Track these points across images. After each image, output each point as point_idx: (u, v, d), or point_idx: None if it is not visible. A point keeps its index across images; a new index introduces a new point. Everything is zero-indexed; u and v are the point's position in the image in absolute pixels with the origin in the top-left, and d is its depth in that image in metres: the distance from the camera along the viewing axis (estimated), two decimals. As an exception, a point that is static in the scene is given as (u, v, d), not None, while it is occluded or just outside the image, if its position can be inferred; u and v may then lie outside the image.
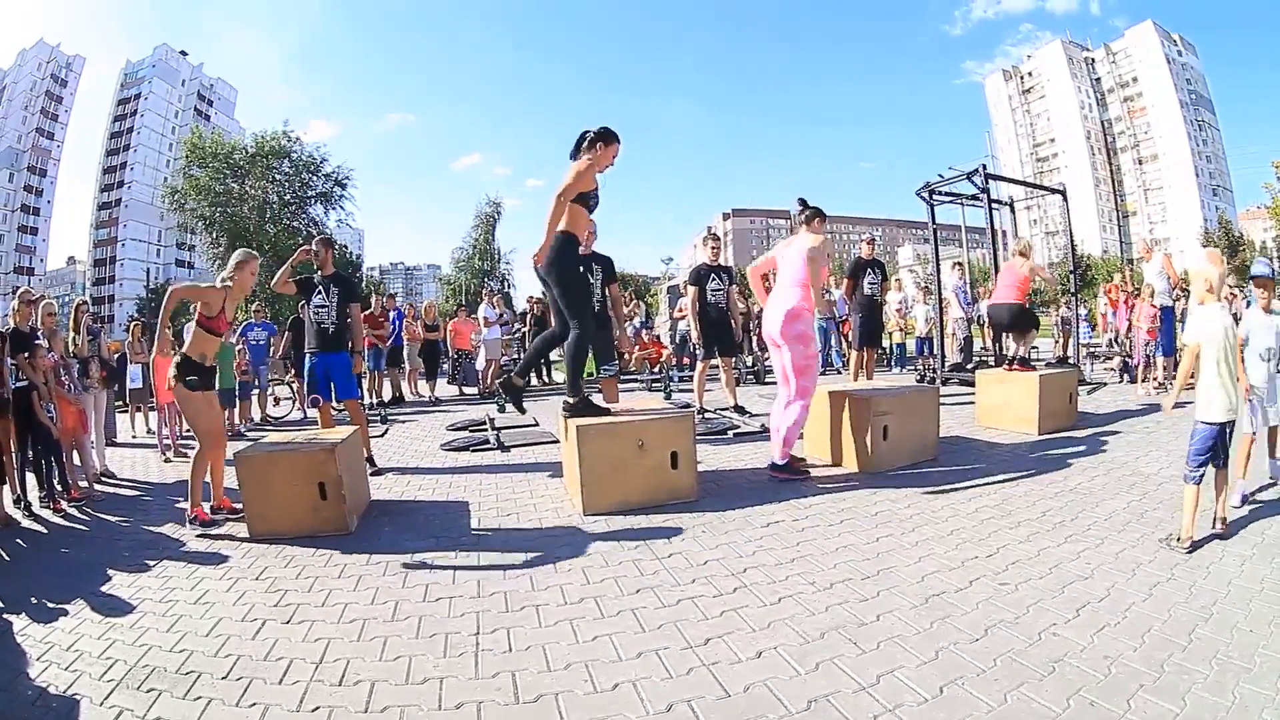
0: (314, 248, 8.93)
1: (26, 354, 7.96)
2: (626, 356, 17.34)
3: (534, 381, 19.28)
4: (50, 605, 4.94)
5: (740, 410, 11.53)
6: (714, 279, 11.25)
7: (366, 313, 15.91)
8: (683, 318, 16.91)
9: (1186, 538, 5.00)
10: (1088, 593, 4.38)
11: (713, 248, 11.80)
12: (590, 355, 8.73)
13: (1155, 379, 13.33)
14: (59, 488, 8.01)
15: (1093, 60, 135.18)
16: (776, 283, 8.01)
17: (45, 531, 7.17)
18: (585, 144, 6.82)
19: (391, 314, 18.27)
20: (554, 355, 17.23)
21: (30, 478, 7.99)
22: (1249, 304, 21.02)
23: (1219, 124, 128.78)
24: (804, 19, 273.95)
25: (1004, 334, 11.39)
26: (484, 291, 22.57)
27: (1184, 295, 17.69)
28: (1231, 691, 3.24)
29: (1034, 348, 11.92)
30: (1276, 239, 66.67)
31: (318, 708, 3.45)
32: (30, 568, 6.01)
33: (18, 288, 8.62)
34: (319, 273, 8.96)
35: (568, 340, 6.94)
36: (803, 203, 8.10)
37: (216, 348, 7.26)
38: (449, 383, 19.60)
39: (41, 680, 3.85)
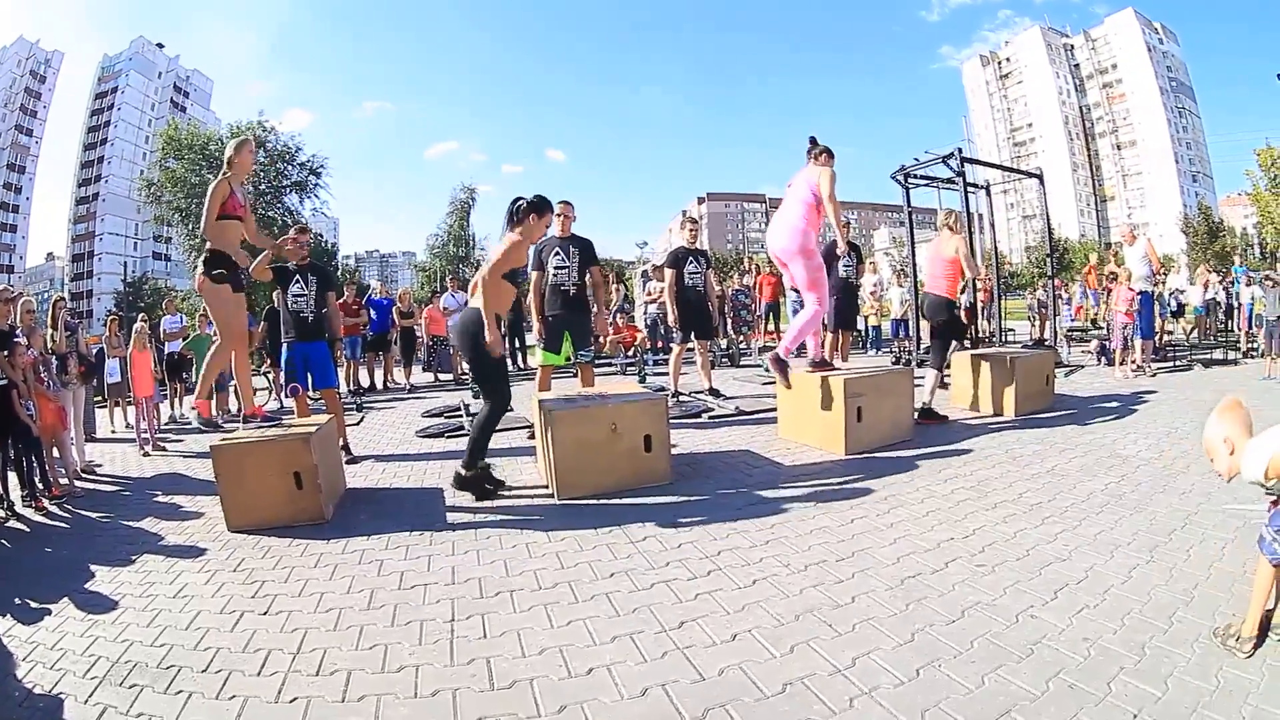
0: (304, 240, 8.91)
1: (6, 352, 7.92)
2: (602, 340, 17.36)
3: (510, 367, 19.24)
4: (34, 605, 4.91)
5: (715, 393, 11.60)
6: (692, 262, 11.31)
7: (340, 301, 15.90)
8: (653, 301, 16.93)
9: (1251, 635, 3.47)
10: (1066, 574, 4.38)
11: (690, 231, 11.87)
12: (568, 340, 8.76)
13: (1133, 361, 13.37)
14: (40, 486, 7.96)
15: (1072, 46, 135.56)
16: (783, 204, 8.28)
17: (28, 530, 7.14)
18: (517, 215, 6.83)
19: (384, 301, 18.32)
20: (529, 340, 17.13)
21: (12, 477, 7.92)
22: (1234, 284, 21.08)
23: (1200, 111, 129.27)
24: (778, 4, 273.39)
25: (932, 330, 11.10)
26: (450, 279, 22.53)
27: (1164, 280, 17.81)
28: (1215, 676, 3.23)
29: (1009, 330, 11.92)
30: (1257, 226, 66.95)
31: (295, 698, 3.44)
32: (14, 568, 5.98)
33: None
34: (295, 261, 8.89)
35: (483, 411, 6.91)
36: (813, 140, 8.25)
37: (239, 235, 7.35)
38: (424, 370, 19.56)
39: (28, 681, 3.83)
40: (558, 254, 8.95)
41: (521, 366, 19.13)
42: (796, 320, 7.82)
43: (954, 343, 10.32)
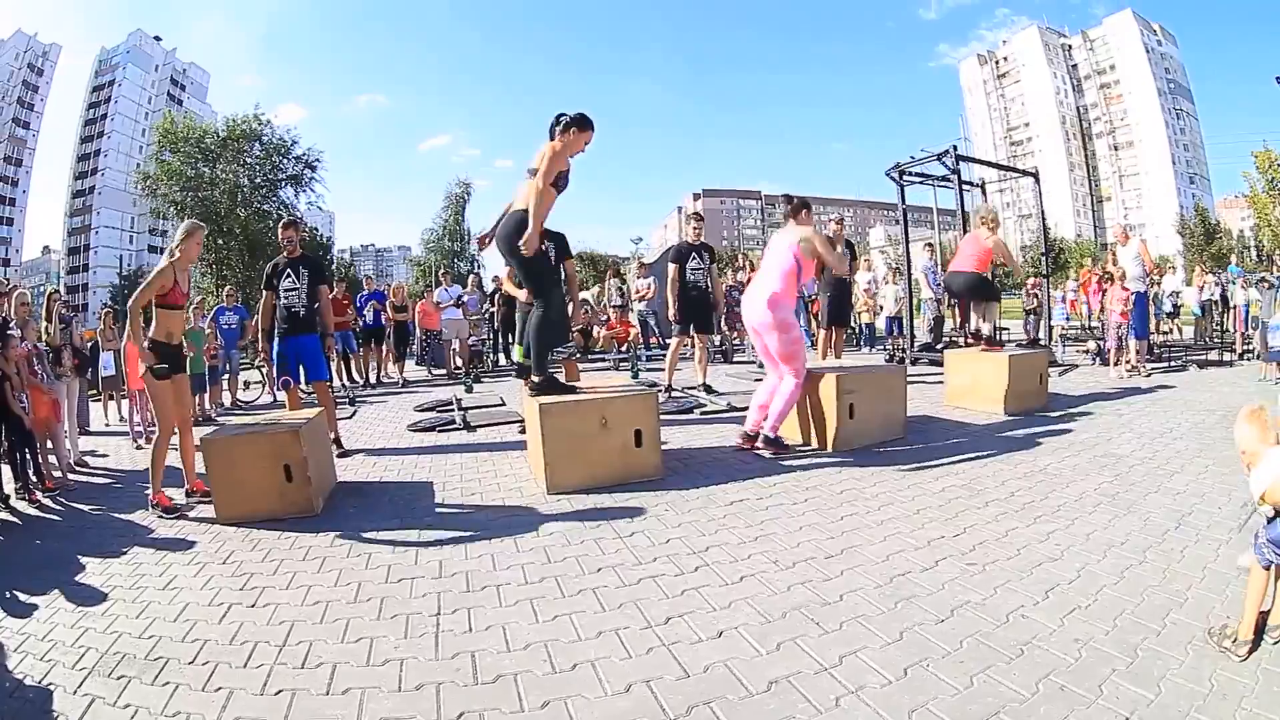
0: (290, 235, 8.94)
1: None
2: (595, 335, 17.36)
3: (503, 361, 19.42)
4: (26, 597, 4.91)
5: (708, 389, 11.64)
6: (694, 258, 11.37)
7: (332, 295, 15.92)
8: (643, 298, 16.97)
9: (1246, 638, 3.53)
10: (1058, 574, 4.36)
11: (695, 227, 11.95)
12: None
13: (1128, 362, 13.36)
14: (34, 479, 7.94)
15: (1069, 47, 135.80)
16: (759, 271, 8.17)
17: (20, 523, 7.12)
18: (560, 128, 6.80)
19: (375, 295, 18.35)
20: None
21: (5, 470, 7.90)
22: (1230, 284, 21.07)
23: (1197, 113, 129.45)
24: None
25: (966, 306, 11.22)
26: (443, 274, 22.54)
27: (1158, 281, 17.78)
28: (1209, 679, 3.21)
29: (1004, 328, 11.93)
30: (1254, 228, 67.00)
31: (280, 690, 3.43)
32: (6, 561, 5.96)
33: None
34: (285, 255, 8.90)
35: (532, 318, 6.99)
36: (788, 198, 8.10)
37: (181, 324, 7.29)
38: (417, 364, 19.60)
39: (19, 672, 3.83)
40: None
41: (511, 361, 19.18)
42: (777, 400, 7.69)
43: (993, 302, 10.50)
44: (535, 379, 7.01)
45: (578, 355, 9.33)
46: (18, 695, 3.62)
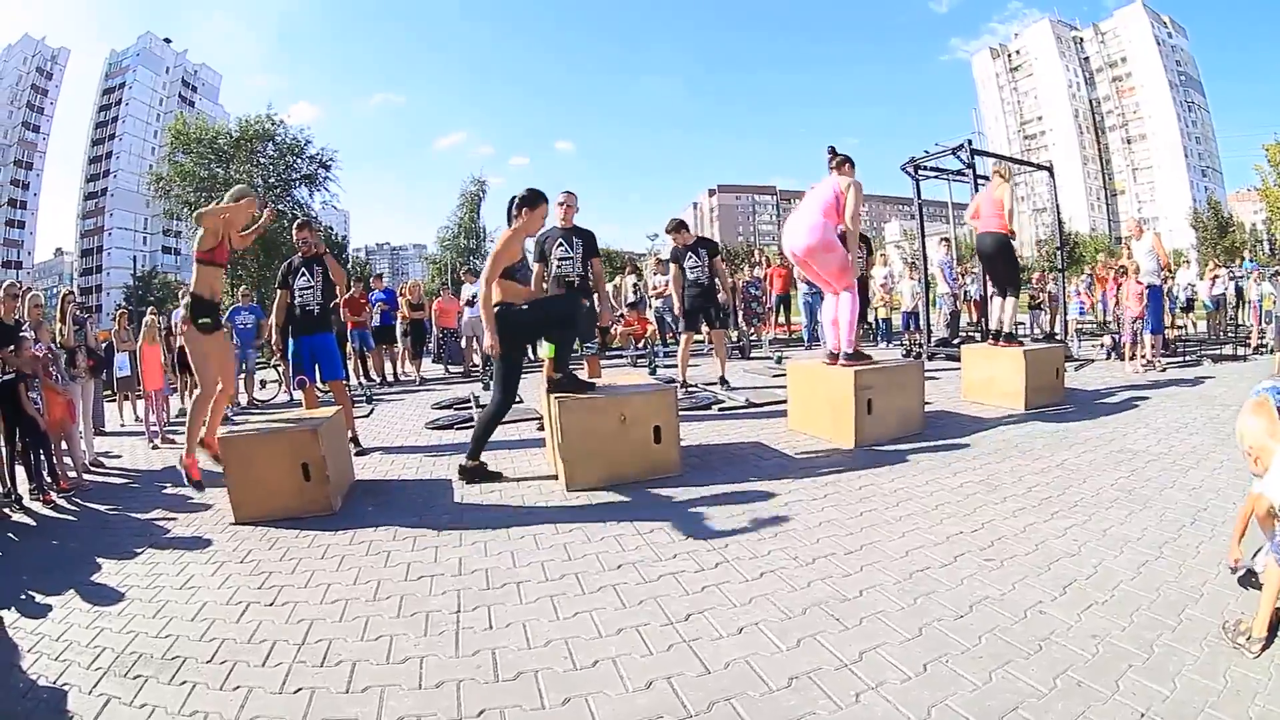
0: (304, 235, 8.94)
1: (12, 347, 7.94)
2: (612, 331, 17.43)
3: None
4: (41, 597, 4.93)
5: (724, 383, 11.74)
6: (690, 256, 11.52)
7: (347, 296, 15.96)
8: (660, 295, 17.07)
9: (1260, 635, 3.45)
10: (1075, 570, 4.36)
11: (675, 237, 12.07)
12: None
13: (1143, 356, 13.32)
14: (48, 479, 7.96)
15: (1081, 39, 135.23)
16: (800, 205, 8.32)
17: (35, 524, 7.14)
18: (513, 210, 6.89)
19: (385, 294, 18.37)
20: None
21: (20, 471, 7.92)
22: (1244, 278, 21.03)
23: (1209, 105, 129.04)
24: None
25: (984, 303, 11.19)
26: (464, 272, 22.52)
27: (1171, 275, 17.73)
28: (1224, 675, 3.21)
29: (1019, 323, 11.90)
30: (1266, 221, 66.80)
31: (300, 689, 3.44)
32: (21, 561, 5.99)
33: (4, 281, 8.58)
34: (299, 255, 8.91)
35: (489, 405, 7.01)
36: (833, 151, 8.23)
37: (222, 282, 7.23)
38: (434, 362, 19.61)
39: (33, 672, 3.84)
40: (561, 245, 8.90)
41: (532, 358, 19.19)
42: (843, 317, 7.79)
43: (1014, 286, 10.41)
44: (466, 464, 7.05)
45: (598, 352, 9.32)
46: (32, 695, 3.63)
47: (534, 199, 6.89)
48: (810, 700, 3.14)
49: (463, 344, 18.36)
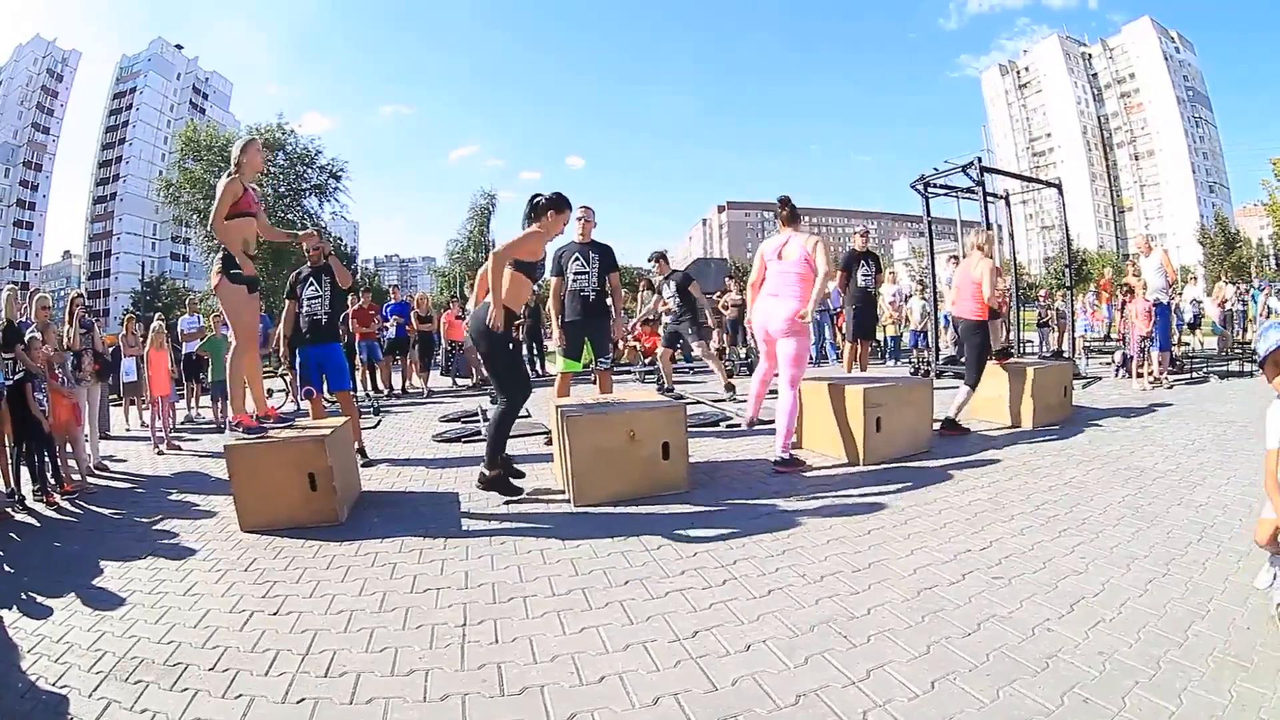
0: (314, 244, 8.95)
1: (22, 346, 7.96)
2: (620, 346, 17.48)
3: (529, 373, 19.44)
4: (42, 599, 4.92)
5: (730, 390, 12.34)
6: (665, 287, 12.64)
7: (356, 308, 16.01)
8: (668, 310, 17.29)
9: None
10: (1082, 587, 4.34)
11: (658, 267, 13.50)
12: (588, 346, 8.77)
13: (1150, 374, 13.31)
14: (52, 481, 7.97)
15: (1089, 56, 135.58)
16: (773, 277, 8.09)
17: (38, 525, 7.14)
18: (536, 211, 6.83)
19: (400, 306, 18.43)
20: (549, 346, 17.27)
21: (24, 472, 7.92)
22: (1253, 297, 20.99)
23: (1216, 121, 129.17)
24: (797, 11, 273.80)
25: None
26: (467, 287, 22.52)
27: (1179, 292, 17.72)
28: (1229, 690, 3.19)
29: (1027, 341, 11.90)
30: (1273, 236, 66.75)
31: (303, 699, 3.42)
32: (23, 562, 5.98)
33: (14, 283, 8.61)
34: (307, 265, 8.92)
35: (498, 408, 6.91)
36: (785, 202, 8.17)
37: (254, 231, 7.24)
38: (442, 374, 19.59)
39: (32, 673, 3.82)
40: (578, 259, 8.91)
41: (540, 373, 19.19)
42: (782, 414, 7.70)
43: (988, 362, 10.23)
44: (485, 471, 6.89)
45: (609, 367, 9.30)
46: (31, 696, 3.63)
47: (560, 203, 6.86)
48: (818, 717, 3.12)
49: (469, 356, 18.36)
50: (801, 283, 7.79)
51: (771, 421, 8.18)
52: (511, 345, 6.82)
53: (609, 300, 9.11)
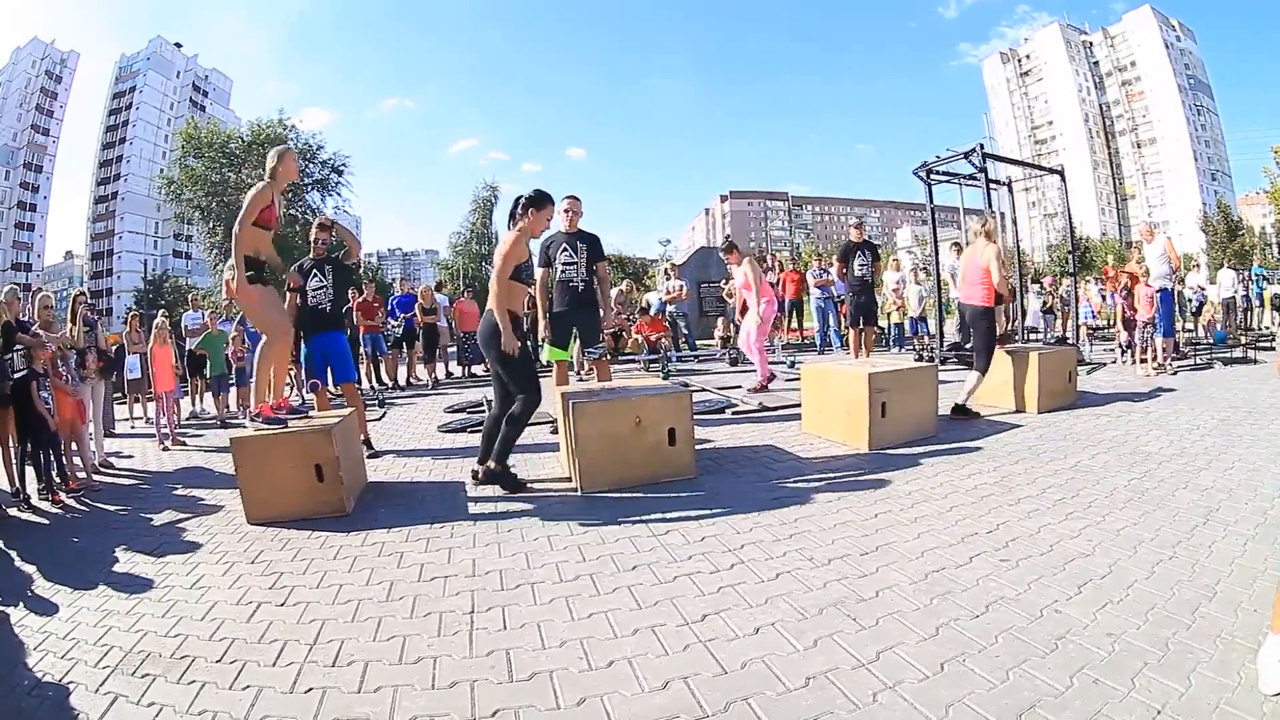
0: (324, 237, 9.01)
1: (20, 348, 7.96)
2: (625, 337, 17.51)
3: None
4: (47, 595, 4.94)
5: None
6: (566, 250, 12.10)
7: (360, 300, 16.02)
8: (673, 300, 17.28)
9: None
10: (1089, 570, 4.34)
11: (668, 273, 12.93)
12: (576, 337, 8.77)
13: (1155, 360, 13.32)
14: (57, 479, 7.97)
15: (1090, 44, 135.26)
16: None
17: (44, 523, 7.14)
18: (518, 210, 6.88)
19: (406, 298, 18.44)
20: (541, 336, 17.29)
21: (29, 470, 7.92)
22: (1254, 284, 21.01)
23: (1217, 109, 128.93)
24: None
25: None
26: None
27: (1182, 279, 17.72)
28: (1237, 672, 3.19)
29: (1033, 329, 11.89)
30: (1275, 224, 66.71)
31: (310, 689, 3.43)
32: (29, 558, 5.96)
33: (16, 284, 8.62)
34: (310, 256, 8.93)
35: (515, 406, 6.90)
36: (728, 239, 9.03)
37: (269, 244, 7.21)
38: (458, 363, 19.57)
39: (38, 669, 3.83)
40: (565, 250, 8.88)
41: (543, 363, 19.25)
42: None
43: (997, 347, 10.23)
44: (493, 466, 6.90)
45: (609, 356, 9.30)
46: (37, 692, 3.62)
47: (539, 200, 6.89)
48: (828, 700, 3.12)
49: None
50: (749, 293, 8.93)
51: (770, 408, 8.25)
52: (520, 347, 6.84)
53: (598, 290, 9.08)
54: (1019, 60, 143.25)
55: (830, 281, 19.23)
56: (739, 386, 11.94)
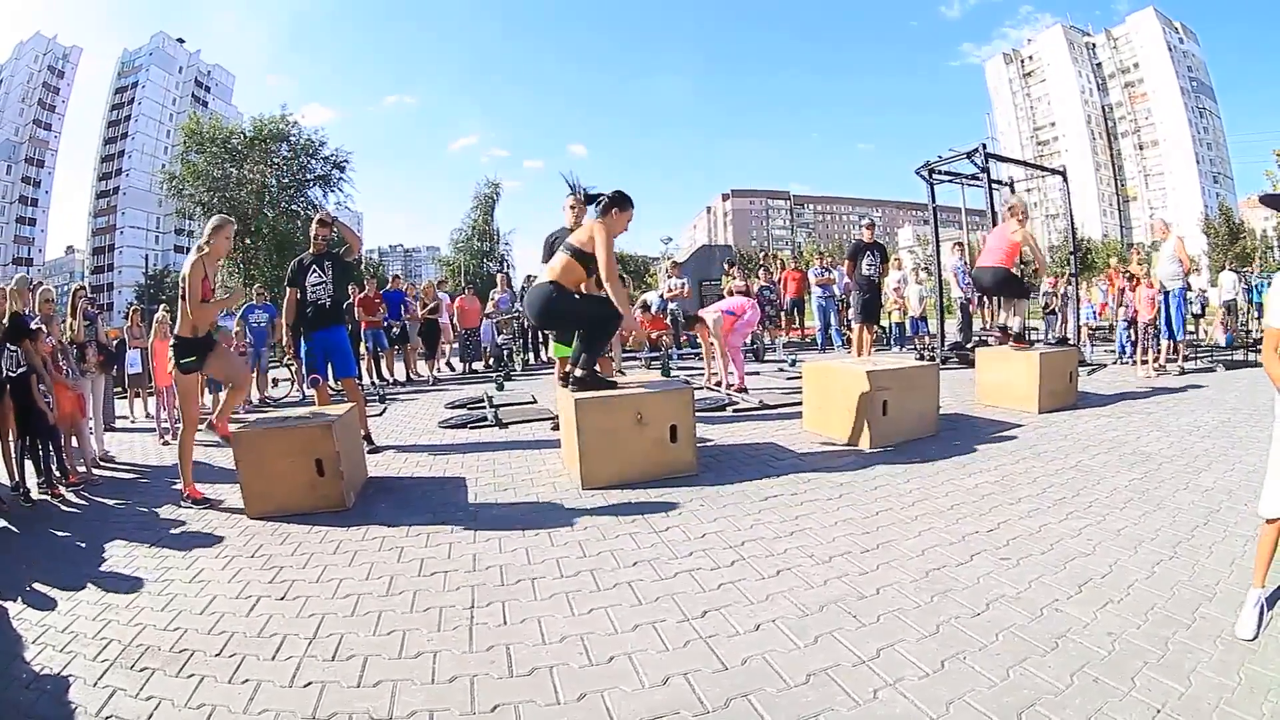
0: (325, 233, 8.93)
1: (29, 339, 7.95)
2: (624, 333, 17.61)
3: (532, 360, 19.69)
4: (47, 589, 4.92)
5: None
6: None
7: (361, 296, 16.02)
8: (674, 297, 17.31)
9: None
10: (1090, 569, 4.35)
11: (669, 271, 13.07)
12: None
13: (1156, 361, 13.31)
14: (57, 473, 7.96)
15: (1093, 45, 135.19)
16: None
17: (42, 517, 7.12)
18: (601, 208, 6.99)
19: (395, 295, 18.38)
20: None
21: (28, 464, 7.91)
22: (1257, 288, 21.04)
23: (1220, 111, 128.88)
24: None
25: (993, 300, 11.33)
26: (499, 276, 22.55)
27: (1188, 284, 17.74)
28: (1238, 672, 3.20)
29: (1032, 329, 11.90)
30: (1277, 228, 66.62)
31: (310, 683, 3.43)
32: (28, 552, 5.98)
33: (24, 275, 8.61)
34: (309, 252, 8.91)
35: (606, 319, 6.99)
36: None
37: (210, 317, 7.18)
38: (460, 360, 19.63)
39: (36, 663, 3.83)
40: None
41: (546, 359, 19.25)
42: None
43: (1022, 300, 10.42)
44: (579, 373, 6.98)
45: (611, 353, 9.33)
46: (35, 686, 3.62)
47: (624, 202, 7.01)
48: (828, 697, 3.12)
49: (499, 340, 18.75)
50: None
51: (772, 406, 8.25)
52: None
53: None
54: (1022, 61, 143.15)
55: (831, 280, 19.29)
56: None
